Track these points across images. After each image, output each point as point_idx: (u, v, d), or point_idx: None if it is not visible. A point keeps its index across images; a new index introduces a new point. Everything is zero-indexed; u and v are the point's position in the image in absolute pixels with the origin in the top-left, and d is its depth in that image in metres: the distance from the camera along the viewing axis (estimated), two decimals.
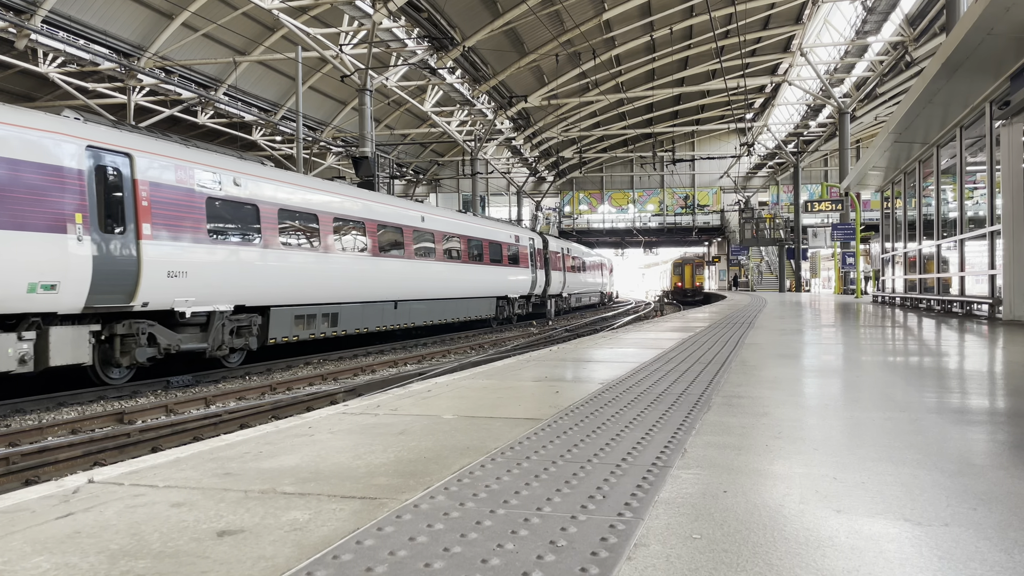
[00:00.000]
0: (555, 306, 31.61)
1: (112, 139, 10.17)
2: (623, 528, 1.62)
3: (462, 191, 50.40)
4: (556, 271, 30.74)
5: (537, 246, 28.23)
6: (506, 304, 24.94)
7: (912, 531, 1.59)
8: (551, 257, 30.03)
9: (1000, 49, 8.31)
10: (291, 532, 1.61)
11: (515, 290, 25.44)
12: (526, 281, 26.39)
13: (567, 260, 33.14)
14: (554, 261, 30.33)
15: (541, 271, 28.33)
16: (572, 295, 34.86)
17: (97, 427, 8.44)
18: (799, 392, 3.66)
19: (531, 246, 27.27)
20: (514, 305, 25.79)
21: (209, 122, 30.88)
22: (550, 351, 6.33)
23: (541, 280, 28.27)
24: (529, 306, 27.67)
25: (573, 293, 35.04)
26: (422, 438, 2.62)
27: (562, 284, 31.79)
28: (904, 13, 27.31)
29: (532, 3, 24.49)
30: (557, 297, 31.74)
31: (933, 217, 13.20)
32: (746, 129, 42.91)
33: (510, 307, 25.43)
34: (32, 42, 21.43)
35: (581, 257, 37.35)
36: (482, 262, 22.25)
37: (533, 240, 27.93)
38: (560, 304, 32.75)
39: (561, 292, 32.08)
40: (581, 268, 36.83)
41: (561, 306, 33.03)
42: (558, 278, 31.11)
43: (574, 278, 34.71)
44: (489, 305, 23.26)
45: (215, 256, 11.66)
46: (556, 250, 31.24)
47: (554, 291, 30.56)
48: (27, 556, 1.49)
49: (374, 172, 21.28)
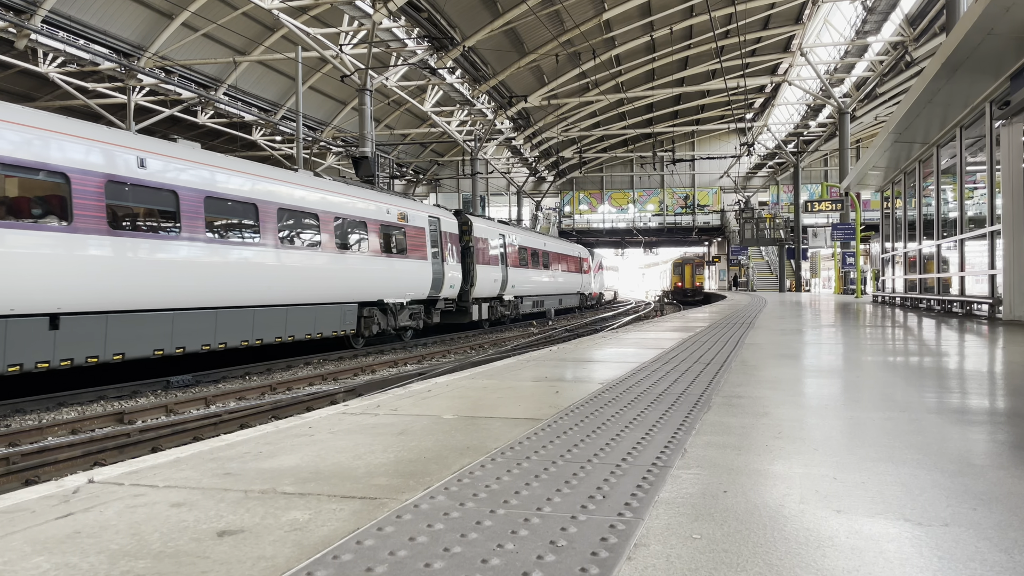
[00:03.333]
0: (491, 312, 24.08)
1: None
2: (623, 528, 1.62)
3: (462, 191, 50.43)
4: (488, 265, 23.17)
5: (448, 229, 20.36)
6: (380, 314, 16.84)
7: (912, 531, 1.59)
8: (479, 247, 22.52)
9: (1000, 49, 8.31)
10: (291, 532, 1.61)
11: (399, 292, 17.32)
12: (421, 279, 18.24)
13: (510, 251, 25.53)
14: (483, 252, 22.79)
15: (456, 264, 20.74)
16: (524, 297, 27.24)
17: (97, 427, 8.44)
18: (799, 392, 3.66)
19: (433, 229, 19.30)
20: (397, 315, 17.57)
21: (209, 122, 30.88)
22: (550, 351, 6.33)
23: (456, 277, 20.63)
24: (435, 315, 19.79)
25: (526, 295, 27.37)
26: (422, 438, 2.62)
27: (501, 283, 24.33)
28: (904, 13, 27.32)
29: (532, 3, 24.49)
30: (495, 300, 24.39)
31: (933, 217, 13.20)
32: (746, 129, 42.91)
33: (389, 318, 17.25)
34: (32, 42, 21.43)
35: (539, 248, 29.49)
36: (322, 248, 14.32)
37: (439, 221, 19.79)
38: (501, 310, 24.95)
39: (500, 293, 24.51)
40: (537, 263, 28.86)
41: (503, 312, 25.17)
42: (491, 275, 23.45)
43: (524, 275, 26.86)
44: (342, 316, 15.16)
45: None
46: (487, 237, 23.39)
47: (486, 292, 23.07)
48: (27, 556, 1.49)
49: (374, 172, 21.27)
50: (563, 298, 33.56)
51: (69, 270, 9.36)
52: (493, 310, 24.08)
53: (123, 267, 10.10)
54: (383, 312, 16.97)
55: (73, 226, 9.44)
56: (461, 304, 21.64)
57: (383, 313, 16.95)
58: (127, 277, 10.17)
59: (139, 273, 10.35)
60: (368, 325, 16.30)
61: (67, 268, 9.33)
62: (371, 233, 16.09)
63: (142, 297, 10.46)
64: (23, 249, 8.85)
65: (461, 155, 43.44)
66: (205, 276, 11.50)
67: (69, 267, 9.35)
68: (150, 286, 10.55)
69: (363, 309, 16.06)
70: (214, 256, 11.73)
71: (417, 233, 18.26)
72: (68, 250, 9.35)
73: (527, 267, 27.27)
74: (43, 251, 9.07)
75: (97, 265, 9.73)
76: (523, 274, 26.78)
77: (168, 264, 10.87)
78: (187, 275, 11.16)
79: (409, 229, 17.89)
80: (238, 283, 12.22)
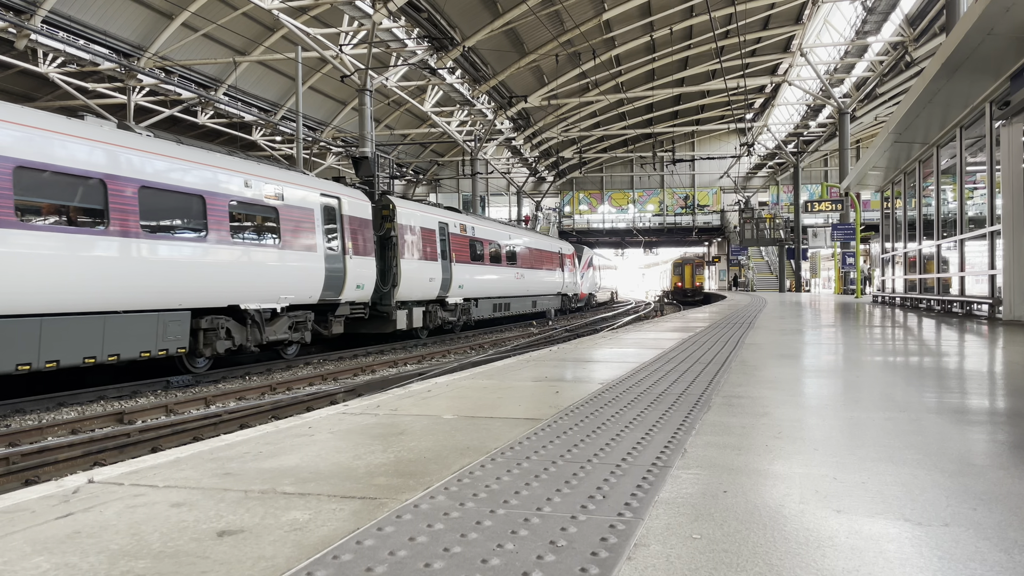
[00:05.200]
0: (428, 319, 19.39)
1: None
2: (623, 528, 1.62)
3: (462, 191, 50.45)
4: (422, 261, 18.59)
5: (354, 213, 15.60)
6: (235, 326, 12.40)
7: (912, 531, 1.59)
8: (406, 237, 17.92)
9: (1000, 49, 8.31)
10: (291, 532, 1.61)
11: (268, 295, 12.87)
12: (307, 277, 13.87)
13: (457, 244, 20.87)
14: (412, 244, 18.20)
15: (369, 259, 16.07)
16: (479, 300, 22.67)
17: (97, 427, 8.44)
18: (799, 392, 3.66)
19: (328, 212, 14.81)
20: (265, 326, 13.00)
21: (209, 122, 30.89)
22: (550, 351, 6.33)
23: (368, 275, 15.99)
24: (334, 325, 15.40)
25: (482, 297, 22.79)
26: (422, 438, 2.62)
27: (441, 282, 19.66)
28: (904, 13, 27.32)
29: (532, 3, 24.50)
30: (434, 304, 19.71)
31: (933, 217, 13.20)
32: (746, 129, 42.92)
33: (250, 331, 12.70)
34: (32, 42, 21.44)
35: (501, 241, 24.64)
36: (110, 230, 10.01)
37: (338, 202, 15.20)
38: (444, 315, 20.11)
39: (442, 296, 19.81)
40: (498, 258, 24.36)
41: (447, 319, 20.31)
42: (424, 273, 18.57)
43: (479, 273, 22.34)
44: (157, 329, 10.74)
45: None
46: (419, 225, 18.62)
47: (417, 294, 18.35)
48: (27, 556, 1.49)
49: (374, 172, 21.26)
50: (537, 300, 28.82)
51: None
52: (431, 316, 19.48)
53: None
54: (240, 322, 12.49)
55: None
56: (380, 309, 17.20)
57: (240, 323, 12.47)
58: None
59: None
60: (211, 341, 11.88)
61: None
62: (212, 213, 11.56)
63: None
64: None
65: (461, 155, 43.45)
66: None
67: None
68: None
69: (200, 319, 11.66)
70: None
71: (302, 217, 13.76)
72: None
73: (483, 263, 22.79)
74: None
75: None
76: (477, 272, 22.17)
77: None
78: None
79: (287, 211, 13.36)
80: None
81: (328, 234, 14.71)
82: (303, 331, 14.35)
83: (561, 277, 32.18)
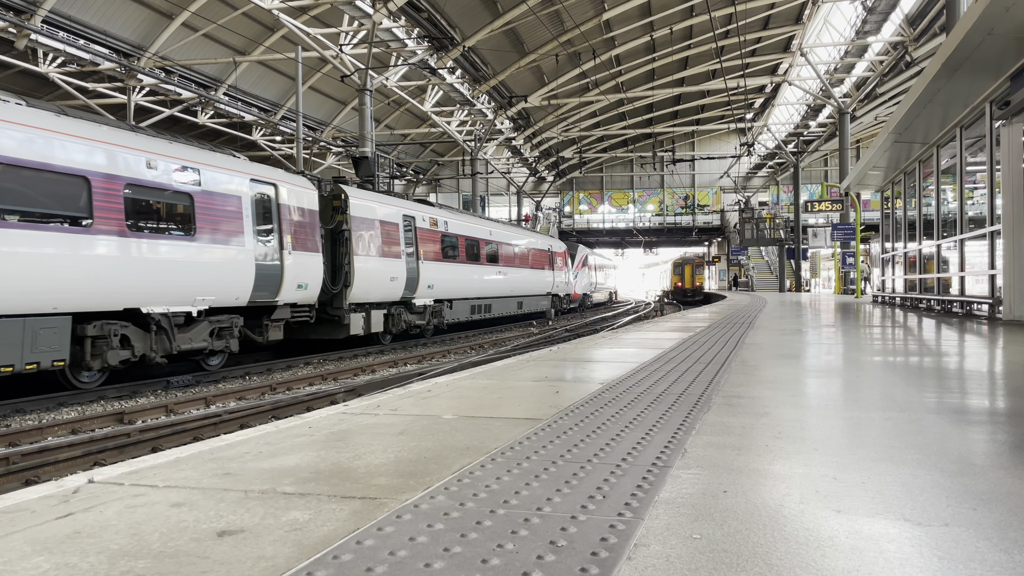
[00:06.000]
0: (392, 322, 17.43)
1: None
2: (623, 528, 1.62)
3: (462, 191, 50.45)
4: (381, 258, 16.52)
5: (294, 203, 13.79)
6: (136, 333, 10.63)
7: (912, 531, 1.59)
8: (362, 231, 15.88)
9: (1000, 49, 8.31)
10: (291, 532, 1.61)
11: (178, 296, 11.05)
12: (233, 275, 12.04)
13: (426, 239, 18.77)
14: (370, 239, 16.16)
15: (314, 255, 14.18)
16: (453, 301, 20.56)
17: (97, 427, 8.44)
18: (799, 392, 3.66)
19: (262, 200, 12.98)
20: (176, 333, 11.18)
21: (209, 122, 30.89)
22: (550, 351, 6.33)
23: (313, 273, 14.11)
24: (271, 330, 13.45)
25: (456, 298, 20.70)
26: (422, 438, 2.62)
27: (406, 282, 17.57)
28: (904, 13, 27.33)
29: (532, 3, 24.50)
30: (398, 306, 17.65)
31: (933, 217, 13.20)
32: (746, 129, 42.93)
33: (156, 339, 10.89)
34: (32, 42, 21.44)
35: (480, 237, 22.54)
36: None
37: (275, 188, 13.35)
38: (411, 319, 18.10)
39: (408, 297, 17.77)
40: (477, 256, 22.23)
41: (414, 322, 18.33)
42: (385, 271, 16.65)
43: (453, 272, 20.25)
44: (26, 338, 8.99)
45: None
46: (378, 218, 16.59)
47: (377, 295, 16.45)
48: (27, 556, 1.49)
49: (374, 172, 21.26)
50: (524, 301, 26.86)
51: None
52: (394, 320, 17.45)
53: None
54: (144, 328, 10.69)
55: None
56: (331, 312, 15.40)
57: (143, 330, 10.68)
58: None
59: None
60: (101, 351, 10.11)
61: None
62: (100, 199, 9.82)
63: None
64: None
65: (461, 155, 43.45)
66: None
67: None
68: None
69: (87, 324, 9.88)
70: None
71: (226, 205, 11.95)
72: None
73: (458, 261, 20.75)
74: None
75: None
76: (450, 270, 20.10)
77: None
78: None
79: (206, 198, 11.50)
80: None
81: (261, 226, 12.83)
82: (228, 338, 12.40)
83: (551, 276, 30.30)
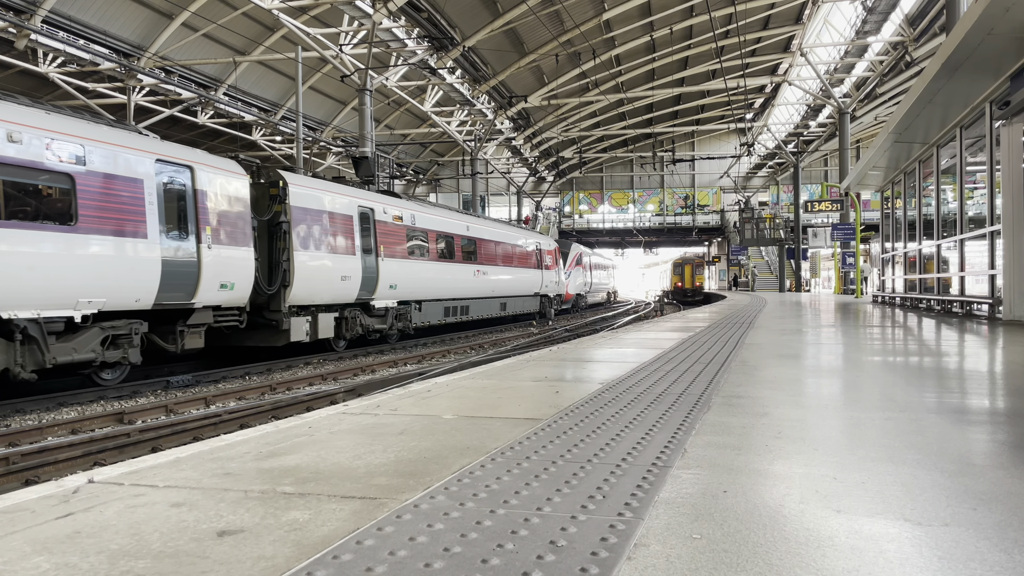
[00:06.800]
0: (345, 327, 15.50)
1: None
2: (623, 528, 1.62)
3: (462, 191, 50.45)
4: (330, 254, 14.67)
5: (212, 189, 11.84)
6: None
7: (912, 531, 1.59)
8: (305, 223, 13.99)
9: (1000, 49, 8.31)
10: (291, 532, 1.61)
11: (43, 298, 9.13)
12: (125, 273, 10.21)
13: (388, 234, 16.87)
14: (314, 233, 14.26)
15: (243, 249, 12.38)
16: (422, 303, 18.66)
17: (97, 427, 8.44)
18: (799, 392, 3.66)
19: (169, 184, 11.10)
20: (47, 344, 9.25)
21: (209, 122, 30.88)
22: (550, 351, 6.33)
23: (241, 271, 12.28)
24: (186, 337, 11.54)
25: (426, 299, 18.79)
26: (422, 438, 2.62)
27: (362, 282, 15.65)
28: (904, 13, 27.33)
29: (532, 3, 24.50)
30: (353, 309, 15.71)
31: (933, 217, 13.20)
32: (746, 129, 42.93)
33: (8, 351, 8.91)
34: (32, 42, 21.43)
35: (455, 233, 20.82)
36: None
37: (190, 172, 11.49)
38: (369, 322, 16.33)
39: (366, 298, 15.91)
40: (451, 253, 20.43)
41: (374, 326, 16.51)
42: (335, 269, 14.81)
43: (421, 271, 18.31)
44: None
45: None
46: (325, 209, 14.67)
47: (325, 296, 14.55)
48: (27, 556, 1.49)
49: (374, 172, 21.25)
50: (507, 302, 24.95)
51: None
52: (348, 324, 15.53)
53: None
54: (7, 338, 8.91)
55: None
56: (267, 316, 13.44)
57: (7, 339, 8.91)
58: None
59: None
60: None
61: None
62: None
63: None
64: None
65: (461, 155, 43.44)
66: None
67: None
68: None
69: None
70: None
71: (121, 189, 10.19)
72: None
73: (428, 258, 18.88)
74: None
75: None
76: (418, 269, 18.18)
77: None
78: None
79: (91, 180, 9.74)
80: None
81: (171, 216, 10.99)
82: (127, 347, 10.50)
83: (539, 276, 28.29)
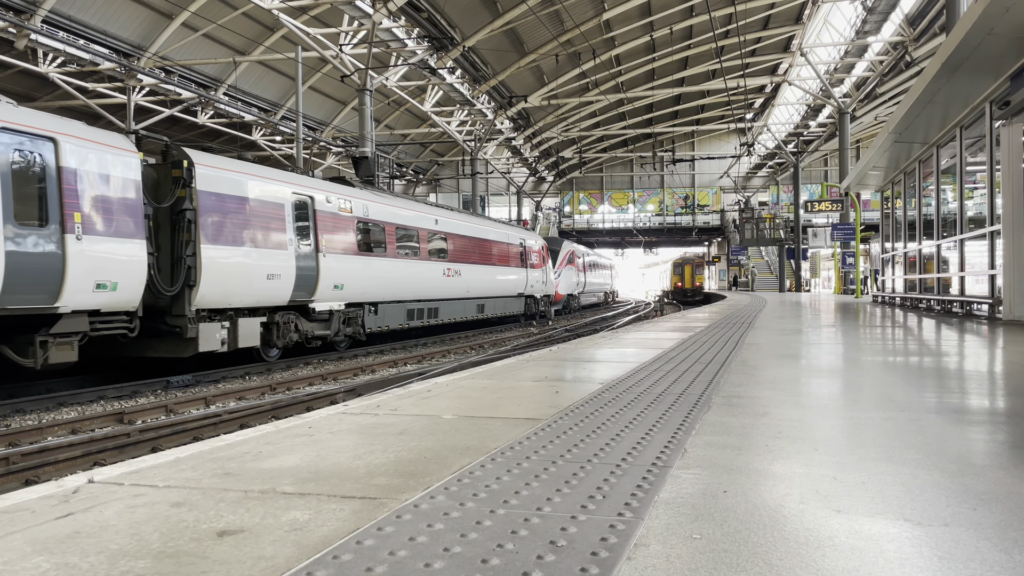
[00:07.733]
0: (276, 334, 13.32)
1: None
2: (623, 528, 1.62)
3: (462, 191, 50.45)
4: (253, 248, 12.49)
5: (90, 168, 9.62)
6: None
7: (912, 531, 1.59)
8: (219, 210, 11.83)
9: (1000, 49, 8.31)
10: (291, 532, 1.61)
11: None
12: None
13: (334, 226, 14.78)
14: (233, 224, 12.08)
15: (135, 242, 10.26)
16: (378, 304, 16.58)
17: (97, 427, 8.44)
18: (799, 392, 3.66)
19: (22, 163, 8.85)
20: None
21: (209, 122, 30.88)
22: (550, 351, 6.33)
23: (133, 268, 10.26)
24: (50, 349, 9.28)
25: (384, 300, 16.76)
26: (422, 438, 2.62)
27: (296, 281, 13.48)
28: (904, 13, 27.33)
29: (532, 3, 24.49)
30: (286, 313, 13.56)
31: (933, 217, 13.20)
32: (746, 129, 42.93)
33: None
34: (32, 42, 21.43)
35: (421, 227, 18.62)
36: None
37: (54, 147, 9.18)
38: (310, 328, 14.24)
39: (305, 300, 13.87)
40: (416, 250, 18.33)
41: (313, 332, 14.37)
42: (260, 266, 12.57)
43: (378, 269, 16.40)
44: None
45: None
46: (246, 195, 12.43)
47: (247, 298, 12.32)
48: (27, 556, 1.49)
49: (374, 172, 21.25)
50: (486, 303, 22.93)
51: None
52: (279, 330, 13.42)
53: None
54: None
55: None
56: (170, 322, 11.29)
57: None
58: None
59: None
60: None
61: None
62: None
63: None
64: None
65: (461, 155, 43.43)
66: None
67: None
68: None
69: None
70: None
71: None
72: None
73: (386, 255, 16.71)
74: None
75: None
76: (372, 266, 16.12)
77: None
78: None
79: None
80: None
81: (22, 198, 8.77)
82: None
83: (524, 275, 26.06)
